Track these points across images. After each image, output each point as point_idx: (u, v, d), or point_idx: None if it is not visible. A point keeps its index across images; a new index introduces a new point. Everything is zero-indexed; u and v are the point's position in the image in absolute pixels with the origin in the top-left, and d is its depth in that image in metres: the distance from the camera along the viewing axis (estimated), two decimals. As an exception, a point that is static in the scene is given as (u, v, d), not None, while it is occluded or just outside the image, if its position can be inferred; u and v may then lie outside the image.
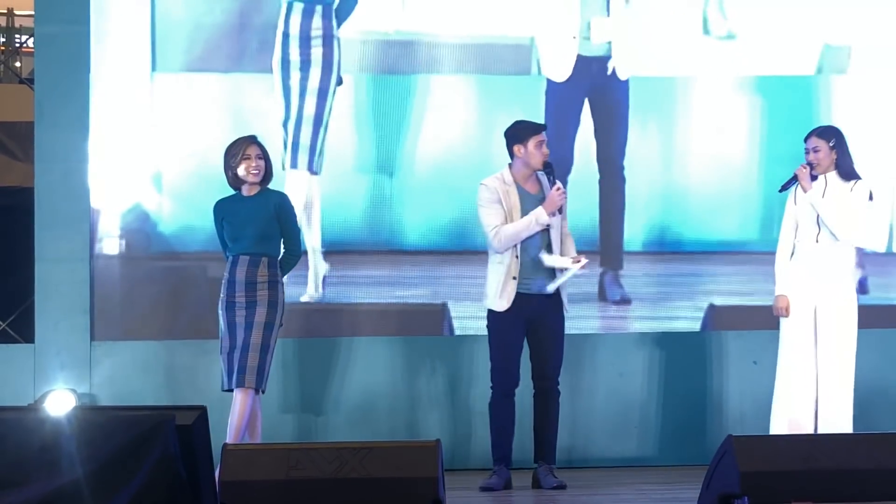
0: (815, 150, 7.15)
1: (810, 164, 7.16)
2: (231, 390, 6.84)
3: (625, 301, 8.21)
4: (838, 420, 7.03)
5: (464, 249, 8.18)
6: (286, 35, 8.23)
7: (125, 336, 8.16)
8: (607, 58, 8.30)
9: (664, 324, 8.32)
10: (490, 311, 7.16)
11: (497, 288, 7.11)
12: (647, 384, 8.28)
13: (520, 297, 7.08)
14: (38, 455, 5.42)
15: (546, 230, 7.10)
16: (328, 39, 8.25)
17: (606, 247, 8.22)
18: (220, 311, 6.93)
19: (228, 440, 6.77)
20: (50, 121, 8.18)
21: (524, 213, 7.07)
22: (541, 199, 7.10)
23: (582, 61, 8.29)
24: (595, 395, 8.27)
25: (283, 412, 8.03)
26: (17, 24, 12.28)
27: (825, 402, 7.05)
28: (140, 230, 8.19)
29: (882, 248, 7.78)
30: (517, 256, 7.08)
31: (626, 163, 8.31)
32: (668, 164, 8.37)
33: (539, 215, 7.03)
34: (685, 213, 8.37)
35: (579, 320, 7.89)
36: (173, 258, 8.20)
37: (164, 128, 8.21)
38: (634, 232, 8.31)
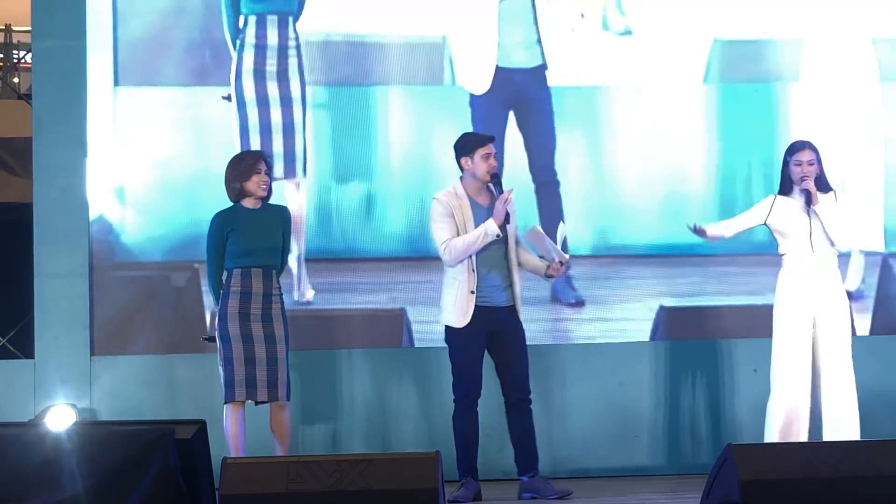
0: (811, 164, 7.12)
1: (804, 176, 7.11)
2: (241, 402, 6.88)
3: (579, 303, 8.19)
4: (847, 425, 7.04)
5: (420, 256, 8.23)
6: (257, 46, 8.25)
7: (125, 350, 8.16)
8: (527, 69, 8.35)
9: (617, 325, 8.33)
10: (448, 327, 7.11)
11: (454, 303, 7.05)
12: (646, 393, 8.28)
13: (479, 311, 7.03)
14: (39, 470, 5.43)
15: (503, 241, 7.06)
16: (298, 49, 8.29)
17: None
18: (225, 322, 6.89)
19: (280, 454, 6.89)
20: (48, 136, 8.19)
21: (477, 225, 7.01)
22: (490, 209, 7.07)
23: (503, 73, 8.32)
24: (595, 405, 8.26)
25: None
26: (14, 40, 12.29)
27: (832, 407, 7.05)
28: (105, 240, 8.22)
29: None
30: (473, 270, 7.03)
31: (580, 168, 8.36)
32: (611, 171, 8.43)
33: (489, 227, 6.97)
34: (630, 217, 8.40)
35: (531, 324, 7.68)
36: (138, 268, 8.22)
37: (127, 140, 8.23)
38: (582, 236, 8.33)
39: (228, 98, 8.28)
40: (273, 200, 7.16)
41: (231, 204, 7.05)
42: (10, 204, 10.05)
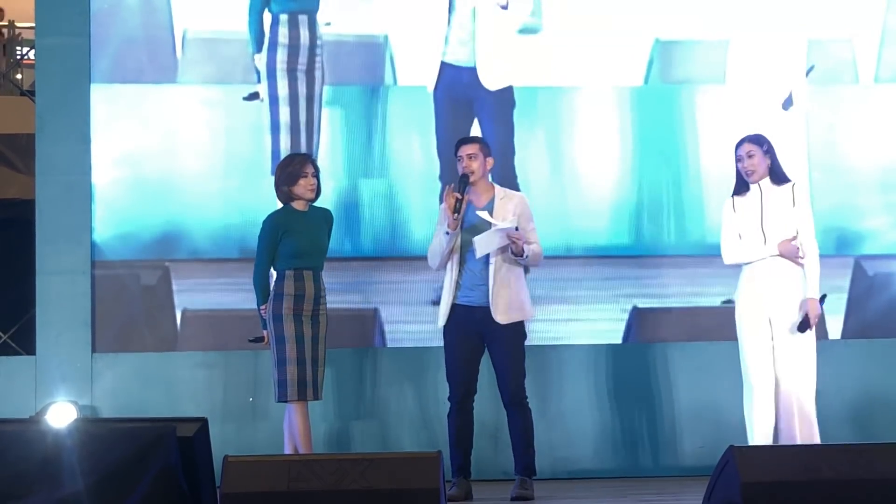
0: (750, 156, 7.05)
1: (746, 172, 7.05)
2: (288, 401, 6.97)
3: None
4: (803, 432, 6.94)
5: (393, 256, 8.26)
6: (290, 46, 8.27)
7: (126, 348, 8.17)
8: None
9: (589, 325, 8.33)
10: None
11: (441, 301, 7.16)
12: (645, 395, 8.27)
13: (461, 310, 7.09)
14: (40, 468, 5.42)
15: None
16: (322, 47, 8.31)
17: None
18: (281, 324, 6.98)
19: (303, 451, 6.92)
20: (51, 133, 8.19)
21: (466, 223, 7.05)
22: (487, 210, 7.08)
23: (466, 72, 8.32)
24: (596, 407, 8.26)
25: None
26: (18, 36, 12.30)
27: (787, 414, 6.95)
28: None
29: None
30: (453, 269, 7.10)
31: (552, 169, 8.36)
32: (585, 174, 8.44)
33: (441, 225, 7.06)
34: (598, 217, 8.40)
35: None
36: (108, 266, 8.22)
37: (97, 138, 8.23)
38: (558, 237, 8.31)
39: (250, 97, 8.27)
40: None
41: (282, 205, 7.15)
42: (13, 200, 10.06)
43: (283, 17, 8.32)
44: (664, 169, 8.42)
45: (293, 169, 7.09)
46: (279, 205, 7.17)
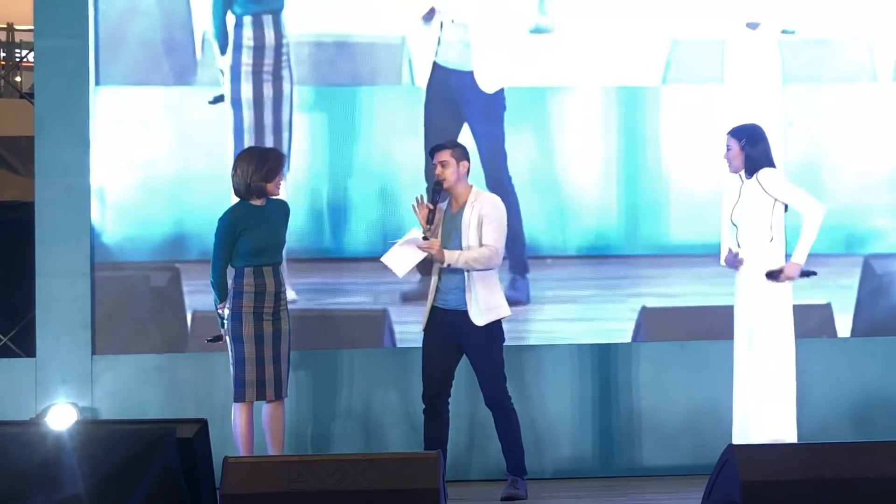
0: (728, 149, 7.12)
1: (727, 163, 7.13)
2: (246, 401, 6.89)
3: (518, 302, 8.07)
4: (777, 430, 6.90)
5: None
6: (255, 47, 8.25)
7: (135, 349, 8.16)
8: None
9: (598, 324, 8.30)
10: None
11: (426, 304, 7.18)
12: (646, 394, 8.26)
13: (437, 312, 7.11)
14: (40, 469, 5.44)
15: (460, 244, 7.04)
16: (287, 47, 8.28)
17: (510, 254, 8.03)
18: (239, 322, 6.89)
19: (273, 451, 6.89)
20: (50, 135, 8.19)
21: (443, 230, 7.08)
22: (458, 217, 7.09)
23: (455, 75, 8.30)
24: (598, 405, 8.25)
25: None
26: (17, 39, 12.31)
27: (759, 410, 6.92)
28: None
29: None
30: (436, 273, 7.12)
31: (563, 168, 8.33)
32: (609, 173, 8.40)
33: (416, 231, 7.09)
34: (614, 218, 8.38)
35: (512, 323, 7.66)
36: (118, 268, 8.20)
37: (107, 140, 8.22)
38: (568, 237, 8.32)
39: (215, 101, 8.26)
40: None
41: (238, 200, 7.03)
42: (12, 203, 10.06)
43: (247, 19, 8.29)
44: (673, 167, 8.40)
45: (273, 165, 6.94)
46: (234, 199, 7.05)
